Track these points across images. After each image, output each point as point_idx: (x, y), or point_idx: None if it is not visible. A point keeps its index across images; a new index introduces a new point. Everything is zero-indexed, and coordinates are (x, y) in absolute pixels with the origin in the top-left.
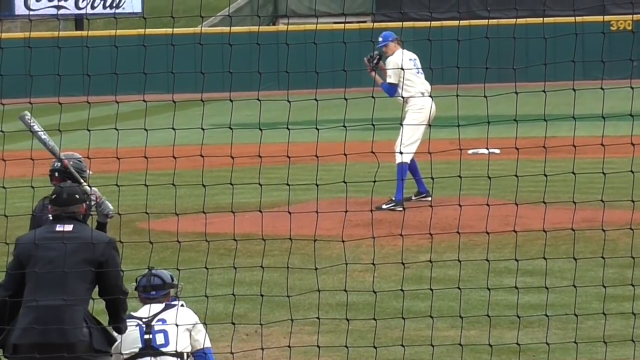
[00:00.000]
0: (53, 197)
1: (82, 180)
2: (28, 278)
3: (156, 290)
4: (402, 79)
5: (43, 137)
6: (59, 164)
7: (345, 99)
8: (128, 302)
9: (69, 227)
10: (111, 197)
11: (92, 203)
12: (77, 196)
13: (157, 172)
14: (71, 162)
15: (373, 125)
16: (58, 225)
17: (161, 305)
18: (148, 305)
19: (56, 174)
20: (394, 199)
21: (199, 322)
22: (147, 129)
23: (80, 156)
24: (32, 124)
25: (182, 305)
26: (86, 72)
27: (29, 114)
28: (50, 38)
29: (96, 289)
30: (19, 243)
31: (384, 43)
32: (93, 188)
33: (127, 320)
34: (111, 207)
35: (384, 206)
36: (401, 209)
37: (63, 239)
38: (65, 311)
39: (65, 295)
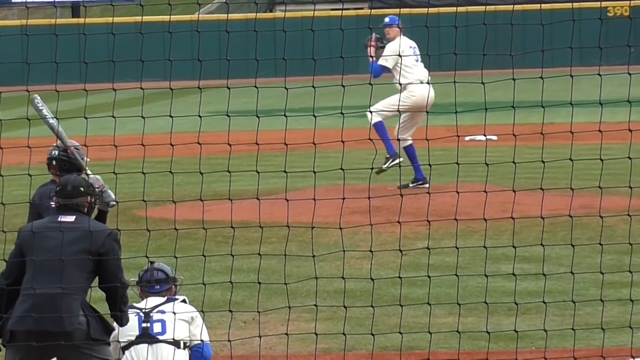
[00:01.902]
0: (58, 188)
1: (85, 168)
2: (27, 266)
3: (160, 284)
4: (399, 66)
5: (51, 121)
6: (56, 152)
7: (343, 86)
8: (128, 294)
9: (70, 218)
10: (108, 184)
11: (97, 192)
12: (81, 189)
13: (155, 160)
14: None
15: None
16: (60, 216)
17: (162, 299)
18: (149, 298)
19: (54, 162)
20: (387, 156)
21: (198, 316)
22: (144, 116)
23: (78, 144)
24: (40, 108)
25: (183, 301)
26: (83, 59)
27: (38, 98)
28: (47, 25)
29: (96, 280)
30: (20, 232)
31: (389, 23)
32: (96, 176)
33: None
34: (113, 196)
35: (384, 166)
36: (401, 158)
37: (63, 229)
38: (62, 299)
39: (62, 283)
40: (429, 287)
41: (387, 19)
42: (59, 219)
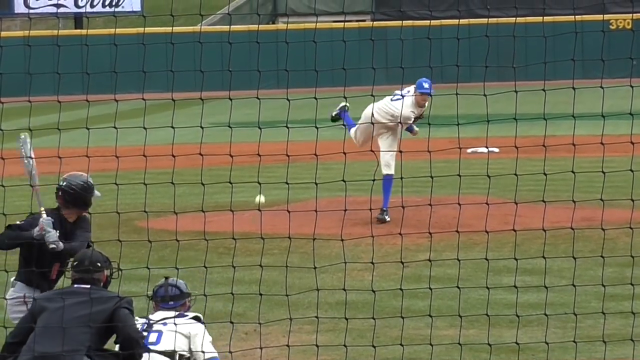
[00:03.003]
0: (75, 263)
1: (40, 208)
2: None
3: (174, 300)
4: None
5: (25, 161)
6: (64, 183)
7: (345, 97)
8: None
9: (86, 286)
10: (110, 195)
11: (112, 266)
12: (98, 264)
13: (157, 171)
14: (74, 184)
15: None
16: (76, 285)
17: (173, 313)
18: (162, 312)
19: (59, 193)
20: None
21: (199, 333)
22: (145, 127)
23: (86, 176)
24: (21, 145)
25: (196, 317)
26: (85, 70)
27: (23, 136)
28: (50, 37)
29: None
30: (37, 299)
31: (429, 91)
32: (47, 219)
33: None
34: (56, 237)
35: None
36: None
37: (76, 294)
38: (64, 358)
39: (65, 343)
40: (430, 299)
41: (426, 85)
42: (75, 286)
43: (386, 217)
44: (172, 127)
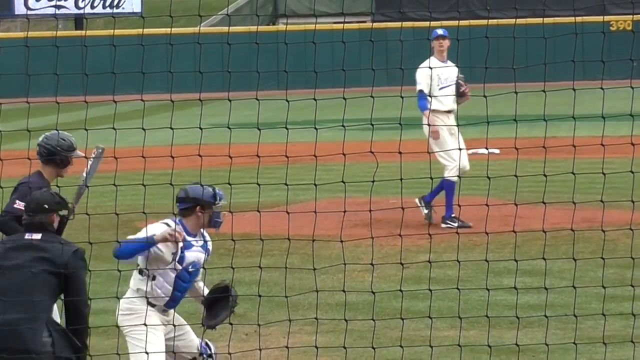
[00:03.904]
0: (29, 206)
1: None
2: None
3: (180, 202)
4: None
5: (86, 175)
6: (40, 139)
7: (344, 99)
8: None
9: (37, 236)
10: (110, 196)
11: (69, 207)
12: (46, 206)
13: (157, 172)
14: (52, 142)
15: (372, 125)
16: (27, 234)
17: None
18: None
19: (37, 150)
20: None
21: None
22: (144, 128)
23: (67, 135)
24: (95, 159)
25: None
26: (85, 71)
27: (100, 148)
28: (50, 38)
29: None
30: None
31: (445, 35)
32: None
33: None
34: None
35: (443, 225)
36: (456, 223)
37: (29, 248)
38: (25, 323)
39: (25, 305)
40: (430, 300)
41: (440, 31)
42: (25, 237)
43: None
44: (171, 127)
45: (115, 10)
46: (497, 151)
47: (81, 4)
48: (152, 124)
